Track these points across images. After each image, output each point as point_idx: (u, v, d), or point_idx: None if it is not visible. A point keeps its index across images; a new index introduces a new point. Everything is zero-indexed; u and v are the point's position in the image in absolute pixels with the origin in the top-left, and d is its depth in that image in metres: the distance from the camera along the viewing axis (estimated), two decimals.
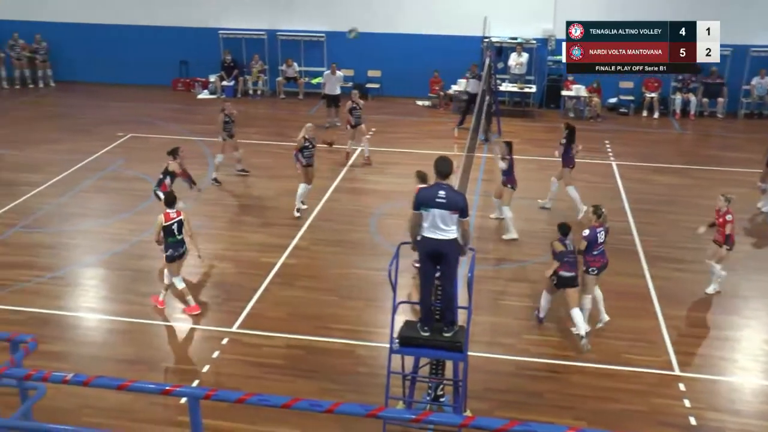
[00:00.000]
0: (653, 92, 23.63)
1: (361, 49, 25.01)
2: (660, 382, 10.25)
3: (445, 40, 24.16)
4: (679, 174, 18.37)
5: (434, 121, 22.85)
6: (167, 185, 13.71)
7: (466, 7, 23.68)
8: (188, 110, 24.00)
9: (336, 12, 24.97)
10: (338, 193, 16.85)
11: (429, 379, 9.26)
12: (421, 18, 24.34)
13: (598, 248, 11.13)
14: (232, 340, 11.07)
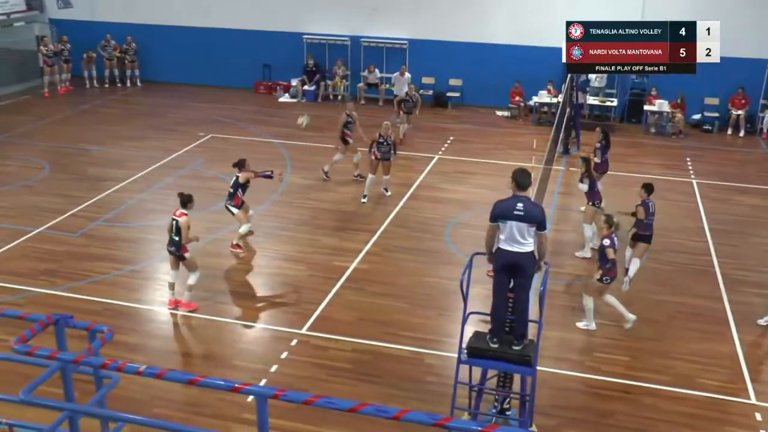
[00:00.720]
0: (740, 110, 22.94)
1: (442, 57, 25.03)
2: (735, 411, 9.94)
3: (527, 51, 23.97)
4: (764, 196, 17.77)
5: (513, 132, 22.68)
6: (239, 197, 13.91)
7: (550, 18, 23.37)
8: (269, 113, 24.42)
9: (419, 19, 25.07)
10: (414, 200, 16.87)
11: (496, 391, 9.18)
12: (505, 27, 24.23)
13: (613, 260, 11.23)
14: (301, 342, 11.19)
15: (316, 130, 22.02)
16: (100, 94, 26.25)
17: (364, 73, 25.56)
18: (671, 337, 11.56)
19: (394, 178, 17.40)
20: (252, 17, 26.25)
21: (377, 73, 25.29)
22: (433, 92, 25.52)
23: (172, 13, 26.96)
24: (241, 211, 13.98)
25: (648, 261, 14.05)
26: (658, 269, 13.84)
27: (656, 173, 18.83)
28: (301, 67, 26.11)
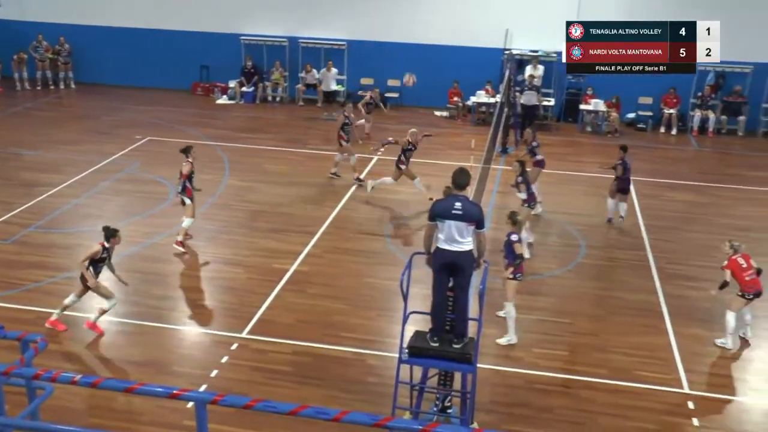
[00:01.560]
0: (672, 108, 23.53)
1: (381, 58, 25.10)
2: (669, 400, 10.17)
3: (465, 51, 24.19)
4: (696, 191, 18.26)
5: (452, 132, 22.86)
6: (191, 188, 13.93)
7: (487, 19, 23.72)
8: (207, 115, 24.16)
9: (358, 20, 25.09)
10: (354, 201, 16.86)
11: (437, 390, 9.24)
12: (443, 28, 24.39)
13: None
14: (242, 346, 11.08)
15: (253, 131, 21.95)
16: (32, 97, 25.61)
17: (302, 74, 25.47)
18: (609, 332, 11.78)
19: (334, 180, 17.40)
20: (189, 18, 25.94)
21: (315, 74, 25.21)
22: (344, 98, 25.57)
23: (107, 14, 26.45)
24: (191, 205, 13.96)
25: (585, 258, 14.34)
26: (595, 265, 14.11)
27: (594, 171, 19.17)
28: (239, 69, 25.87)
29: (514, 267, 11.11)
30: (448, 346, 8.46)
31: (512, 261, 11.10)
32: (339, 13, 25.22)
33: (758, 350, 11.61)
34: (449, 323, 8.59)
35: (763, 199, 17.66)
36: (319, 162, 19.41)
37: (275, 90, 25.90)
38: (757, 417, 10.08)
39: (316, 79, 25.18)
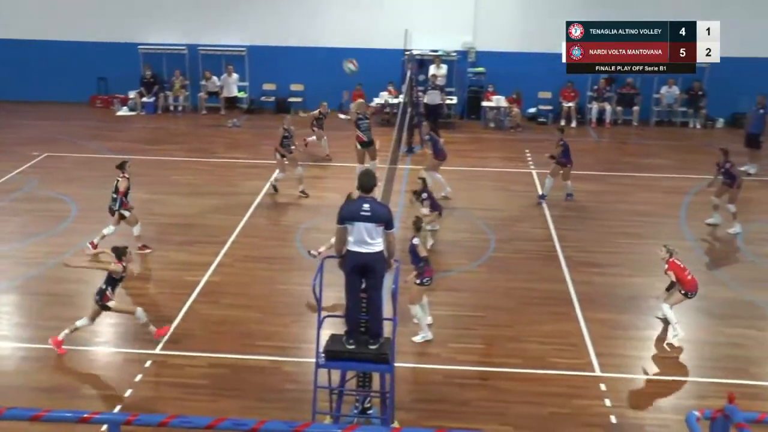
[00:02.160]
0: (570, 102, 24.23)
1: (282, 62, 24.96)
2: (583, 384, 10.48)
3: (366, 53, 24.16)
4: (597, 181, 18.84)
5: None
6: (126, 202, 14.01)
7: (386, 20, 23.89)
8: (108, 127, 23.51)
9: (257, 26, 24.87)
10: (262, 208, 16.72)
11: (356, 392, 9.25)
12: (343, 31, 24.40)
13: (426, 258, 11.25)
14: (156, 362, 10.83)
15: (157, 143, 21.50)
16: None
17: (203, 82, 25.07)
18: (522, 322, 12.03)
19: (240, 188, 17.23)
20: (83, 29, 25.12)
21: (216, 80, 24.81)
22: (276, 98, 25.43)
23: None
24: (132, 214, 14.09)
25: (495, 251, 14.60)
26: (506, 258, 14.38)
27: (498, 166, 19.61)
28: (138, 79, 25.28)
29: (419, 270, 11.15)
30: (364, 348, 8.48)
31: (416, 264, 11.17)
32: (238, 19, 24.95)
33: (660, 329, 12.05)
34: (364, 325, 8.61)
35: (658, 185, 18.37)
36: (226, 170, 19.18)
37: (176, 99, 25.42)
38: (663, 392, 10.48)
39: (218, 86, 24.83)
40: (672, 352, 11.37)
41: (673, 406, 10.08)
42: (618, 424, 9.60)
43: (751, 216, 16.94)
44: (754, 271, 14.00)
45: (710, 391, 10.26)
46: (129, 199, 14.21)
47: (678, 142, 22.72)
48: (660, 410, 10.01)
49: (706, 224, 15.85)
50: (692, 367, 11.06)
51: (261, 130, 23.22)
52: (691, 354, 11.38)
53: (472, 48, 24.56)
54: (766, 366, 11.22)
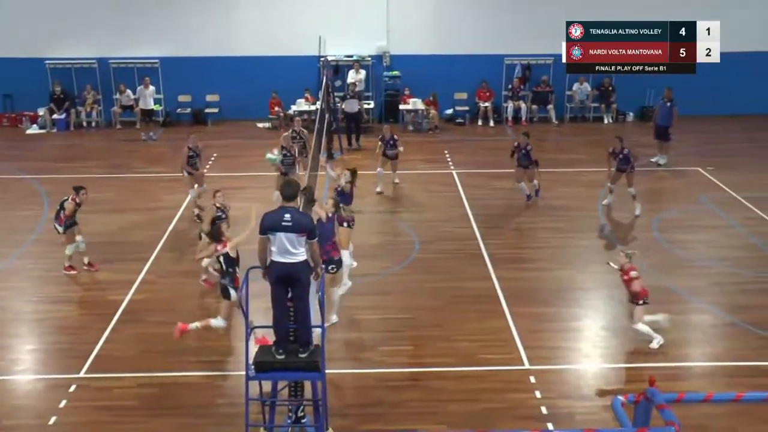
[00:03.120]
0: (486, 102, 24.61)
1: (196, 73, 24.56)
2: (513, 378, 10.68)
3: (281, 61, 24.17)
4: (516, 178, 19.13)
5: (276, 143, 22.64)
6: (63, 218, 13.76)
7: (299, 27, 23.79)
8: (17, 146, 22.70)
9: (169, 37, 24.39)
10: (184, 222, 16.45)
11: (289, 401, 9.20)
12: (256, 39, 24.19)
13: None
14: (81, 386, 10.53)
15: (72, 160, 20.93)
16: None
17: (116, 96, 24.46)
18: (451, 321, 12.17)
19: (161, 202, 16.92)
20: None
21: (130, 94, 24.22)
22: (191, 110, 25.05)
23: None
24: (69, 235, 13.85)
25: (420, 252, 14.72)
26: (431, 258, 14.51)
27: (420, 168, 19.77)
28: (48, 95, 24.51)
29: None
30: (294, 357, 8.45)
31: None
32: (149, 30, 24.39)
33: (586, 320, 12.40)
34: (293, 334, 8.57)
35: (576, 179, 18.83)
36: (146, 185, 18.80)
37: (89, 114, 24.74)
38: (590, 380, 10.78)
39: (132, 99, 24.29)
40: (597, 341, 11.69)
41: (598, 393, 10.34)
42: (549, 414, 9.81)
43: (663, 205, 17.60)
44: (668, 258, 14.49)
45: (633, 377, 10.59)
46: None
47: (592, 137, 23.33)
48: (587, 398, 10.25)
49: (603, 205, 16.87)
50: (615, 354, 11.39)
51: (179, 143, 22.78)
52: (613, 341, 11.72)
53: (387, 52, 24.71)
54: (684, 348, 11.64)
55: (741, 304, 12.67)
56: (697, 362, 11.26)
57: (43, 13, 24.12)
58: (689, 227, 15.96)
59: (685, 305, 12.74)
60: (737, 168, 19.69)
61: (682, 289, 13.19)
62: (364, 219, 14.85)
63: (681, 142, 21.18)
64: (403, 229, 15.87)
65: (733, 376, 10.73)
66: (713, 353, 11.46)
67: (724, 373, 10.89)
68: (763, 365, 10.95)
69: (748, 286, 13.36)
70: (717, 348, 11.61)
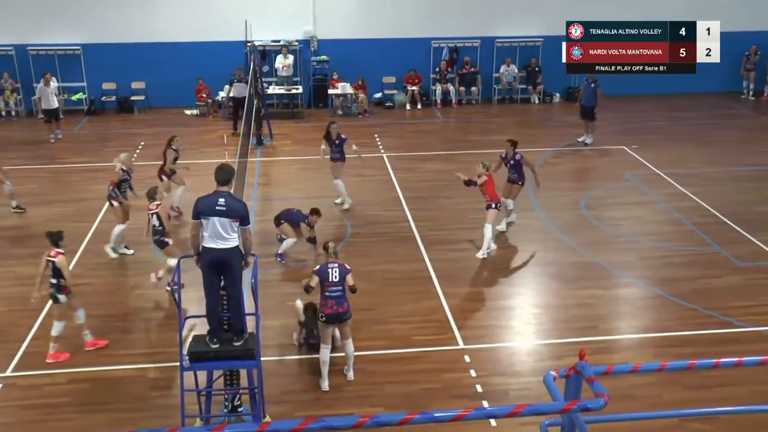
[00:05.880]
0: (414, 86, 24.70)
1: (121, 60, 24.00)
2: (448, 358, 10.82)
3: (207, 46, 23.82)
4: (445, 160, 19.35)
5: (205, 130, 22.49)
6: None
7: (225, 11, 23.49)
8: None
9: (92, 23, 23.71)
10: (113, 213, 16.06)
11: (224, 391, 9.15)
12: (181, 25, 23.78)
13: (330, 289, 9.82)
14: (8, 385, 10.24)
15: None
16: None
17: (40, 84, 23.47)
18: (384, 303, 12.24)
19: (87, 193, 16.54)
20: None
21: (55, 82, 22.90)
22: (117, 98, 24.49)
23: None
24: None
25: (352, 237, 14.76)
26: (362, 242, 14.56)
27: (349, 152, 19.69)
28: None
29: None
30: (229, 346, 8.40)
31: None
32: (70, 15, 23.62)
33: (518, 298, 12.64)
34: (226, 322, 8.51)
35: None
36: (71, 176, 18.35)
37: (8, 104, 23.90)
38: (523, 357, 11.00)
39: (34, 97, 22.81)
40: (530, 318, 11.93)
41: (532, 369, 10.56)
42: (484, 392, 9.98)
43: (591, 183, 18.03)
44: (596, 235, 14.86)
45: (565, 351, 10.83)
46: None
47: (519, 117, 23.72)
48: (521, 374, 10.47)
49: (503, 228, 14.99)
50: (547, 330, 11.65)
51: (104, 132, 22.34)
52: (545, 318, 11.98)
53: (314, 36, 24.58)
54: (613, 321, 11.99)
55: (666, 277, 13.09)
56: (626, 335, 11.62)
57: None
58: (616, 204, 16.39)
59: (613, 280, 13.09)
60: (659, 146, 20.28)
61: (610, 264, 13.54)
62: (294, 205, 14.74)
63: (606, 122, 21.72)
64: (334, 214, 15.85)
65: (660, 347, 11.11)
66: (641, 325, 11.83)
67: (651, 343, 11.27)
68: (686, 335, 11.36)
69: (673, 260, 13.80)
70: (644, 320, 11.98)
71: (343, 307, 9.87)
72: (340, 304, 9.82)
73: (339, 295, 9.80)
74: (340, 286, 9.80)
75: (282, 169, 19.05)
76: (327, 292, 9.80)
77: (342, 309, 9.85)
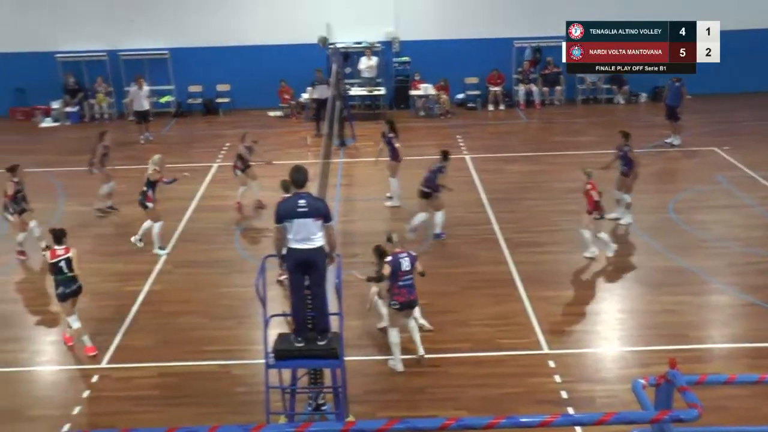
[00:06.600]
0: (496, 86, 24.51)
1: (207, 63, 24.59)
2: (532, 363, 10.67)
3: (290, 49, 24.14)
4: (529, 161, 19.13)
5: (289, 131, 22.81)
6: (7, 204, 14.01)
7: (307, 15, 23.75)
8: (31, 140, 22.83)
9: (178, 28, 24.40)
10: (199, 212, 16.50)
11: (308, 389, 9.24)
12: (265, 28, 24.18)
13: (403, 278, 10.33)
14: (103, 377, 10.62)
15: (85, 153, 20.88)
16: None
17: (133, 87, 24.11)
18: (467, 306, 12.17)
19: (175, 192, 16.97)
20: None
21: (146, 87, 23.37)
22: (203, 100, 25.07)
23: None
24: (18, 219, 14.15)
25: (434, 238, 14.68)
26: (445, 244, 14.50)
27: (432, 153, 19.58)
28: (60, 88, 24.58)
29: (391, 290, 10.49)
30: (313, 345, 8.46)
31: (392, 282, 10.43)
32: (158, 21, 24.42)
33: (603, 303, 12.38)
34: (311, 321, 8.59)
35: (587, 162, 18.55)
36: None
37: (101, 107, 24.79)
38: (609, 364, 10.77)
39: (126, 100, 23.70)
40: (615, 324, 11.66)
41: (618, 376, 10.32)
42: (569, 399, 9.80)
43: (678, 185, 17.53)
44: (685, 239, 14.43)
45: (653, 359, 10.54)
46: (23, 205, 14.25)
47: (603, 118, 23.24)
48: (607, 381, 10.24)
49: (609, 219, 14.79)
50: (634, 337, 11.37)
51: (191, 134, 22.91)
52: (631, 324, 11.70)
53: (396, 38, 24.63)
54: (704, 329, 11.61)
55: (758, 284, 12.61)
56: (718, 344, 11.23)
57: (52, 7, 24.18)
58: (705, 207, 15.89)
59: (702, 286, 12.70)
60: (752, 147, 19.57)
61: (699, 269, 13.14)
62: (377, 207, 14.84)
63: (693, 122, 21.10)
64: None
65: (753, 357, 10.71)
66: (733, 334, 11.42)
67: (744, 354, 10.87)
68: None
69: (765, 266, 13.29)
70: (736, 329, 11.56)
71: (414, 295, 10.50)
72: (411, 291, 10.41)
73: (411, 284, 10.39)
74: (412, 275, 10.39)
75: (364, 170, 19.13)
76: (400, 282, 10.30)
77: (413, 296, 10.49)
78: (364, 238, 14.61)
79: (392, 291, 10.39)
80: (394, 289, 10.35)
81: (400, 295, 10.32)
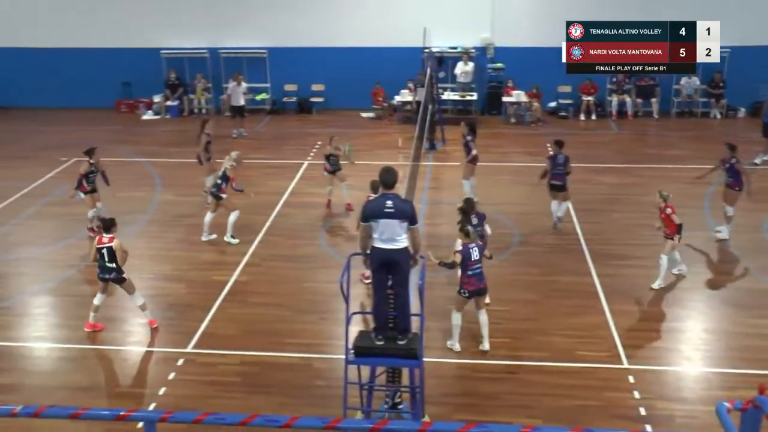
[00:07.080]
0: (589, 96, 24.19)
1: (302, 63, 25.13)
2: (611, 376, 10.53)
3: (386, 52, 24.40)
4: (619, 173, 18.84)
5: (380, 132, 23.06)
6: (86, 186, 15.11)
7: (404, 18, 23.96)
8: (133, 131, 23.82)
9: (277, 28, 25.03)
10: (288, 207, 16.89)
11: (386, 387, 9.37)
12: (362, 30, 24.52)
13: (473, 268, 10.75)
14: (188, 361, 11.03)
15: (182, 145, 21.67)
16: None
17: (232, 84, 24.82)
18: (548, 315, 12.10)
19: (265, 187, 17.42)
20: (106, 35, 25.47)
21: (245, 84, 23.97)
22: (297, 99, 25.61)
23: (21, 35, 25.80)
24: (88, 197, 15.18)
25: (519, 245, 14.68)
26: (529, 252, 14.45)
27: (520, 161, 19.62)
28: (162, 83, 25.59)
29: (461, 280, 10.87)
30: (393, 344, 8.59)
31: (464, 272, 10.82)
32: (257, 21, 25.12)
33: (688, 321, 12.11)
34: (392, 320, 8.73)
35: (679, 176, 18.24)
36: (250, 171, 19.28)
37: (199, 102, 25.66)
38: (690, 383, 10.52)
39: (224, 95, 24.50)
40: (699, 344, 11.40)
41: (700, 397, 10.09)
42: (647, 416, 9.64)
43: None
44: None
45: (738, 383, 10.26)
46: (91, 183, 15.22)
47: (697, 132, 22.66)
48: (688, 401, 10.02)
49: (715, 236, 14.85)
50: (719, 358, 11.08)
51: (283, 131, 23.43)
52: (717, 345, 11.41)
53: (491, 44, 24.60)
54: None
55: None
56: None
57: (160, 6, 25.19)
58: None
59: None
60: None
61: None
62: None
63: None
64: (502, 222, 15.80)
65: None
66: None
67: None
68: None
69: None
70: None
71: (483, 283, 10.91)
72: (480, 280, 10.82)
73: (479, 272, 10.80)
74: (481, 264, 10.79)
75: (453, 173, 19.16)
76: (470, 271, 10.73)
77: (482, 285, 10.89)
78: (449, 242, 14.68)
79: (462, 280, 10.84)
80: (464, 278, 10.79)
81: (469, 284, 10.78)
